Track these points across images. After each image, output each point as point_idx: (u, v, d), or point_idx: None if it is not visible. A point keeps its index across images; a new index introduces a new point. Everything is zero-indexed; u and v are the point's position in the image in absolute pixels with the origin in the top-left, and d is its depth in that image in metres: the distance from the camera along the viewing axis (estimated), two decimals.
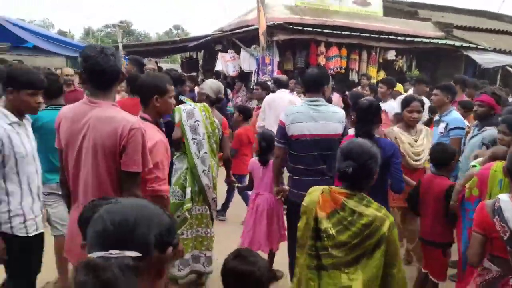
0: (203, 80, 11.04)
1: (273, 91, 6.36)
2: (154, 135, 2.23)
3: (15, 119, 2.28)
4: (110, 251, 0.86)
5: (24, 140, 2.33)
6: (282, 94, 5.43)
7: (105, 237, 0.89)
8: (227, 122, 3.59)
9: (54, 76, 3.28)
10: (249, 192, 4.02)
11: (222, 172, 3.65)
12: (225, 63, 9.78)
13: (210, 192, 3.27)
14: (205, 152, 3.22)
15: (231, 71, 9.81)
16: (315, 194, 1.94)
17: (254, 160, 3.70)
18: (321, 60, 9.29)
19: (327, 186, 1.95)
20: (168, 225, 0.98)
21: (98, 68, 1.83)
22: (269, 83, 7.05)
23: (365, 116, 2.72)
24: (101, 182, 1.87)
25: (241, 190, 4.47)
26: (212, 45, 11.62)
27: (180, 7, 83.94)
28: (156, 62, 16.62)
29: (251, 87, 8.55)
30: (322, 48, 9.36)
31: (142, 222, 0.92)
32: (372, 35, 9.81)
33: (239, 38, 9.86)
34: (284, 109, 3.14)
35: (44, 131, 2.82)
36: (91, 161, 1.87)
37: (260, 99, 5.68)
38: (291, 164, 2.99)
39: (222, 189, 4.30)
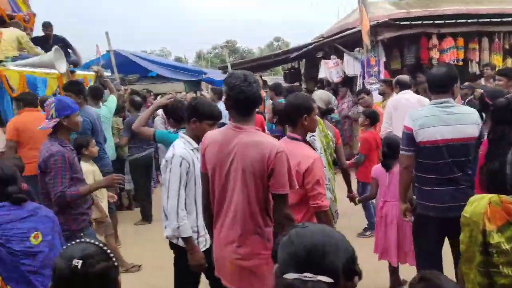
0: (306, 90, 11.09)
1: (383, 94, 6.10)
2: (309, 153, 2.37)
3: (195, 145, 2.59)
4: (305, 274, 0.90)
5: (198, 164, 2.66)
6: (407, 95, 5.05)
7: (297, 260, 0.94)
8: (338, 132, 3.58)
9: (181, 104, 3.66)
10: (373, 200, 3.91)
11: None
12: (328, 69, 9.70)
13: (333, 205, 3.23)
14: (324, 166, 3.23)
15: (335, 77, 9.68)
16: (480, 204, 1.74)
17: (378, 166, 3.57)
18: (434, 54, 8.57)
19: (495, 196, 1.73)
20: (352, 253, 0.99)
21: (242, 96, 1.95)
22: (376, 85, 6.76)
23: (503, 117, 2.45)
24: (250, 203, 1.97)
25: (363, 201, 4.32)
26: (313, 53, 11.65)
27: (277, 18, 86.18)
28: (260, 77, 17.36)
29: (357, 91, 8.32)
30: (434, 40, 8.62)
31: (331, 249, 0.94)
32: (492, 20, 8.71)
33: (341, 43, 9.71)
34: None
35: None
36: (240, 184, 1.97)
37: (367, 106, 5.46)
38: (419, 173, 2.74)
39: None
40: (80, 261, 1.19)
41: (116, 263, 1.30)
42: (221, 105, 6.86)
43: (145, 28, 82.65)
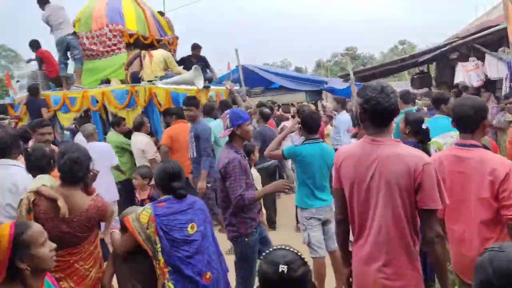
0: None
1: None
2: (503, 159, 2.15)
3: None
4: None
5: None
6: None
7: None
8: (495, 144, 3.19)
9: (316, 115, 3.82)
10: None
11: None
12: (467, 73, 8.73)
13: None
14: None
15: (475, 81, 8.65)
16: None
17: None
18: None
19: None
20: None
21: (380, 108, 1.86)
22: None
23: None
24: (397, 220, 1.87)
25: None
26: (447, 55, 10.60)
27: (400, 21, 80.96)
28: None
29: (502, 96, 7.30)
30: None
31: None
32: None
33: (481, 42, 8.65)
34: None
35: (304, 163, 3.46)
36: (384, 199, 1.88)
37: None
38: None
39: None
40: (286, 267, 1.33)
41: (310, 267, 1.45)
42: (343, 115, 6.80)
43: (267, 41, 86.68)
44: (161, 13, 8.44)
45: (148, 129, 5.74)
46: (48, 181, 2.58)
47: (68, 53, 6.87)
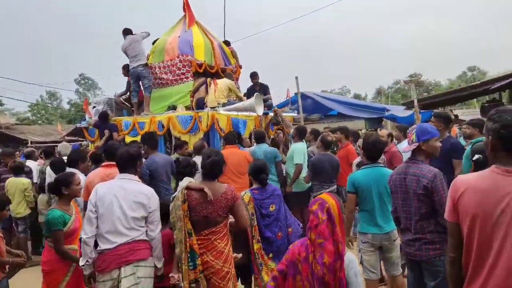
0: None
1: None
2: None
3: None
4: None
5: None
6: None
7: None
8: None
9: (380, 144, 3.76)
10: None
11: None
12: None
13: None
14: None
15: None
16: None
17: None
18: None
19: None
20: None
21: None
22: None
23: None
24: None
25: None
26: None
27: (474, 46, 76.91)
28: (451, 111, 15.71)
29: None
30: None
31: None
32: None
33: None
34: None
35: (360, 189, 3.55)
36: None
37: None
38: None
39: None
40: None
41: None
42: (404, 144, 6.48)
43: (326, 68, 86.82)
44: (227, 43, 8.88)
45: None
46: (188, 181, 3.57)
47: (140, 83, 7.45)
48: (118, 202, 2.93)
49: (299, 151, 5.78)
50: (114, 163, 3.78)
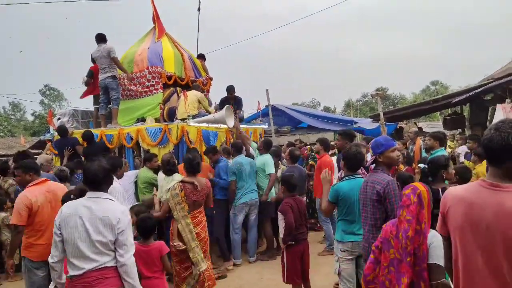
0: (474, 137, 9.89)
1: None
2: None
3: None
4: None
5: None
6: None
7: None
8: None
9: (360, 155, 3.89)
10: None
11: None
12: (507, 114, 8.54)
13: None
14: None
15: None
16: None
17: None
18: None
19: None
20: None
21: (492, 145, 1.66)
22: None
23: None
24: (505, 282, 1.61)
25: None
26: (481, 96, 10.43)
27: (434, 62, 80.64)
28: (415, 123, 16.31)
29: None
30: None
31: None
32: None
33: None
34: None
35: (343, 199, 3.59)
36: (501, 255, 1.60)
37: None
38: None
39: None
40: None
41: None
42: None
43: (296, 80, 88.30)
44: (202, 56, 8.86)
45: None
46: (180, 177, 4.71)
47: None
48: (83, 224, 2.61)
49: (271, 162, 6.19)
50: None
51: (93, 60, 7.27)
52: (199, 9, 8.28)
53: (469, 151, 6.95)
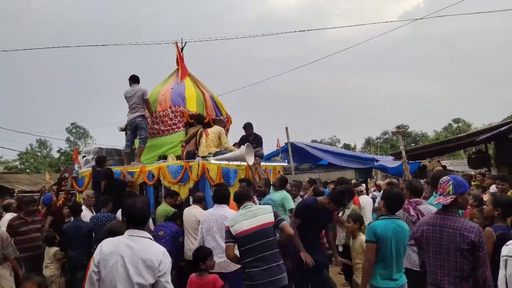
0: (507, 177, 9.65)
1: None
2: None
3: None
4: None
5: None
6: None
7: None
8: None
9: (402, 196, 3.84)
10: None
11: None
12: None
13: None
14: None
15: None
16: None
17: None
18: None
19: None
20: None
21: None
22: None
23: None
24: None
25: None
26: (506, 134, 10.18)
27: (458, 99, 79.93)
28: (439, 162, 15.95)
29: None
30: None
31: None
32: None
33: None
34: None
35: (379, 241, 3.44)
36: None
37: None
38: None
39: None
40: None
41: None
42: None
43: (315, 118, 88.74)
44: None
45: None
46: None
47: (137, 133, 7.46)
48: (124, 264, 2.41)
49: (289, 197, 6.08)
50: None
51: (126, 99, 7.50)
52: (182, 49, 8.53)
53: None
